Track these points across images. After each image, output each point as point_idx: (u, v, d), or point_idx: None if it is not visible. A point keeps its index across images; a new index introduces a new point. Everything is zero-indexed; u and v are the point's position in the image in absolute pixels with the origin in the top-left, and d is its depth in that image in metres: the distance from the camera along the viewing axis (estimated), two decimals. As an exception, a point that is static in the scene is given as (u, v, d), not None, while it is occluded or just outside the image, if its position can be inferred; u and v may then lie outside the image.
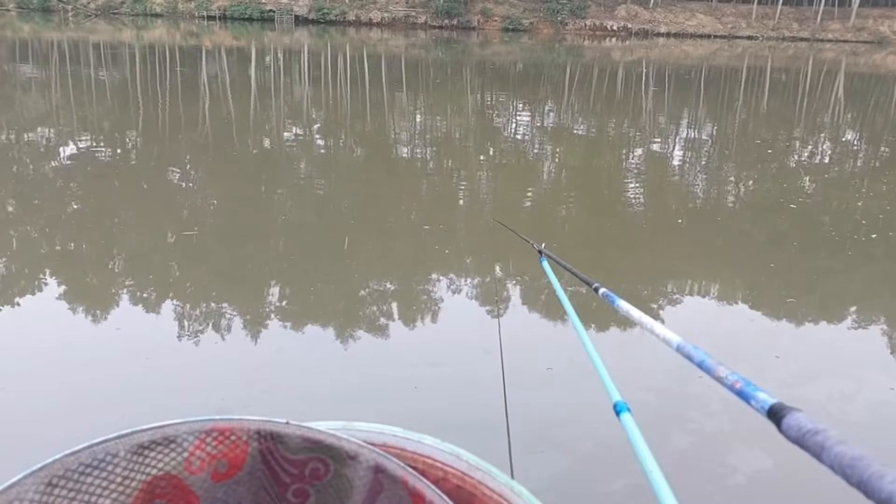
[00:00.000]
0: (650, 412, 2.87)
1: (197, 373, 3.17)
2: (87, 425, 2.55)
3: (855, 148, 10.60)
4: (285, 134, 9.41)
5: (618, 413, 0.83)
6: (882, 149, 10.50)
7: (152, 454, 0.75)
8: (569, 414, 2.88)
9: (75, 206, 5.71)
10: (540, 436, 2.67)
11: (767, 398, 0.56)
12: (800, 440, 0.49)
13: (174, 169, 7.14)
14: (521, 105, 14.10)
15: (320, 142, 9.19)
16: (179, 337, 3.51)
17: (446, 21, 40.58)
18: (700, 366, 0.71)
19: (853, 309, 4.36)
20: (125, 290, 4.01)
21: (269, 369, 3.20)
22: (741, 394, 0.61)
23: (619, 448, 2.55)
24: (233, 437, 0.81)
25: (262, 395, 2.92)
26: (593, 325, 3.76)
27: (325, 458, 0.83)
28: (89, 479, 0.71)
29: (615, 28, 42.66)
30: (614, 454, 2.55)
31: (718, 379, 0.66)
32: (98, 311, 3.75)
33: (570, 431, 2.74)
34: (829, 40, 43.56)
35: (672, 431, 2.77)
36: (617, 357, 3.41)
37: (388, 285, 4.32)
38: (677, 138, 10.89)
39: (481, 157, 8.60)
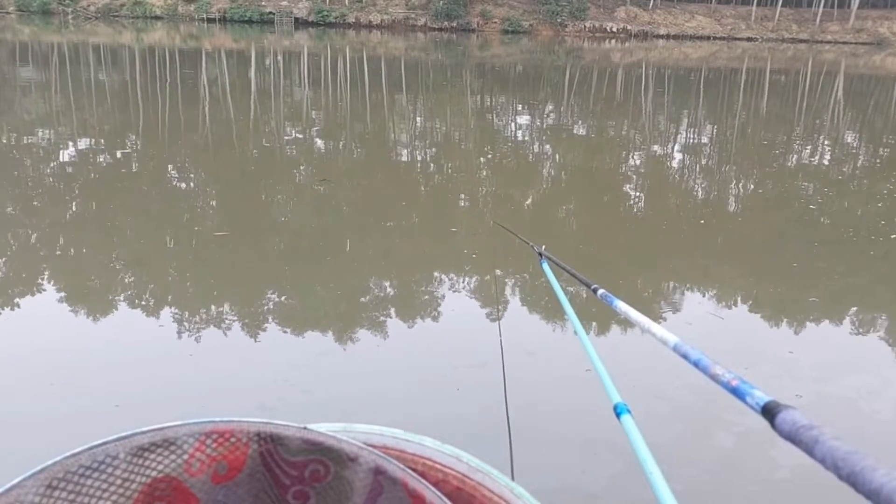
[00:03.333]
0: (650, 413, 2.87)
1: (239, 372, 3.20)
2: (130, 423, 2.56)
3: (862, 148, 10.60)
4: (285, 137, 9.42)
5: (618, 415, 0.83)
6: (882, 151, 10.51)
7: (152, 456, 0.75)
8: (569, 415, 2.88)
9: (89, 208, 5.72)
10: (541, 437, 2.67)
11: (762, 396, 0.57)
12: (793, 435, 0.49)
13: (174, 171, 7.15)
14: (520, 107, 14.11)
15: (320, 144, 9.19)
16: (219, 336, 3.51)
17: (446, 23, 40.65)
18: (696, 365, 0.71)
19: (872, 307, 4.36)
20: (125, 296, 4.02)
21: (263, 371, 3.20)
22: (736, 391, 0.61)
23: (620, 449, 2.54)
24: (232, 439, 0.81)
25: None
26: (594, 327, 3.76)
27: (325, 459, 0.83)
28: (89, 482, 0.71)
29: (615, 30, 42.72)
30: (615, 456, 2.55)
31: (714, 377, 0.66)
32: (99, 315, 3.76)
33: (571, 433, 2.74)
34: (829, 42, 43.64)
35: (672, 432, 2.77)
36: (617, 358, 3.41)
37: (387, 287, 4.32)
38: (677, 140, 10.90)
39: (481, 159, 8.60)
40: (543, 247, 2.00)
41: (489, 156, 8.89)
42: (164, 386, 3.01)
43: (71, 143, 8.19)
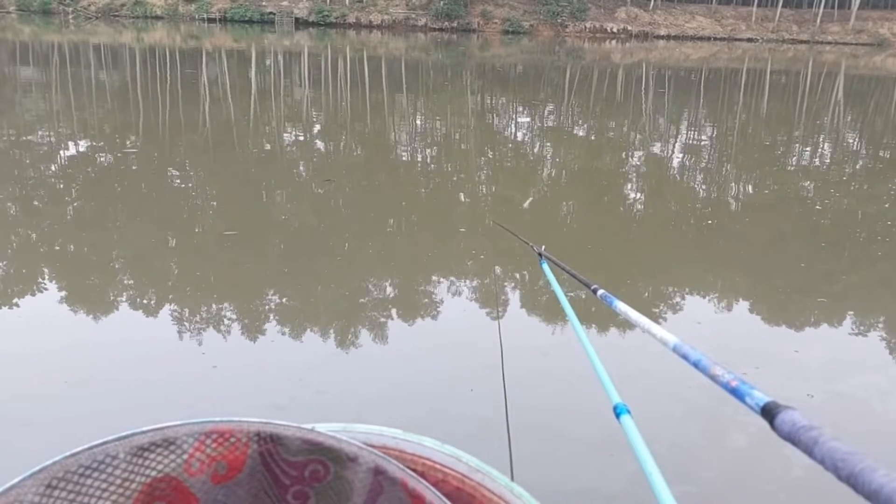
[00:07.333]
0: (650, 414, 2.87)
1: (253, 372, 3.22)
2: (141, 421, 2.56)
3: (863, 149, 10.60)
4: (286, 137, 9.42)
5: (618, 415, 0.83)
6: (883, 152, 10.50)
7: (152, 456, 0.75)
8: (569, 416, 2.88)
9: (91, 208, 5.72)
10: (540, 438, 2.67)
11: (762, 396, 0.57)
12: (792, 436, 0.49)
13: (175, 171, 7.15)
14: (521, 107, 14.11)
15: (321, 144, 9.19)
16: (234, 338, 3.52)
17: (446, 23, 40.65)
18: (696, 365, 0.71)
19: (880, 307, 4.37)
20: (124, 295, 4.02)
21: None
22: (736, 392, 0.61)
23: (619, 450, 2.54)
24: (232, 439, 0.81)
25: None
26: (594, 328, 3.76)
27: (325, 459, 0.83)
28: (89, 482, 0.71)
29: (615, 30, 42.72)
30: (614, 456, 2.55)
31: (714, 378, 0.66)
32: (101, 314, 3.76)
33: (571, 433, 2.74)
34: (829, 42, 43.63)
35: (672, 433, 2.77)
36: (617, 359, 3.41)
37: (394, 288, 4.32)
38: (678, 140, 10.89)
39: (482, 159, 8.60)
40: (543, 247, 2.00)
41: (490, 156, 8.89)
42: (177, 384, 3.02)
43: (72, 143, 8.19)
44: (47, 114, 10.26)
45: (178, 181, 6.83)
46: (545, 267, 1.82)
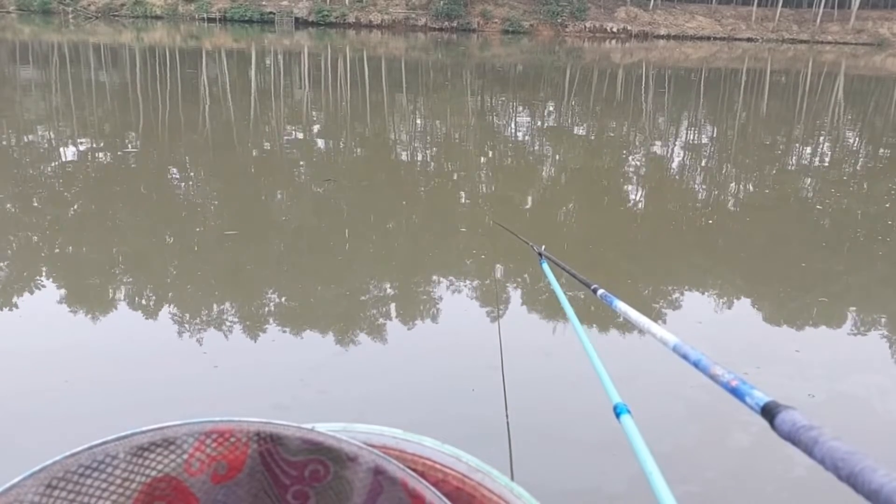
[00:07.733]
0: (649, 414, 2.87)
1: (254, 372, 3.22)
2: (143, 421, 2.56)
3: (864, 149, 10.60)
4: (286, 137, 9.42)
5: (618, 415, 0.83)
6: (883, 152, 10.50)
7: (152, 456, 0.75)
8: (569, 416, 2.88)
9: (91, 208, 5.72)
10: (540, 438, 2.67)
11: (762, 396, 0.57)
12: (792, 435, 0.49)
13: (175, 171, 7.15)
14: (521, 107, 14.11)
15: (321, 144, 9.19)
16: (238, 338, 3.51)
17: (446, 23, 40.65)
18: (696, 365, 0.71)
19: (881, 306, 4.37)
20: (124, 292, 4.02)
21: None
22: (736, 392, 0.61)
23: (620, 450, 2.54)
24: (232, 439, 0.81)
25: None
26: (594, 328, 3.76)
27: (325, 459, 0.83)
28: (89, 481, 0.71)
29: (615, 30, 42.72)
30: (615, 456, 2.55)
31: (714, 377, 0.66)
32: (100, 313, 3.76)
33: (571, 433, 2.74)
34: (829, 42, 43.63)
35: (672, 432, 2.77)
36: (617, 359, 3.41)
37: (388, 287, 4.32)
38: (678, 140, 10.89)
39: (482, 159, 8.60)
40: (543, 247, 1.99)
41: (490, 156, 8.89)
42: (177, 384, 3.02)
43: (72, 143, 8.18)
44: (47, 113, 10.25)
45: (179, 181, 6.83)
46: (545, 267, 1.82)
